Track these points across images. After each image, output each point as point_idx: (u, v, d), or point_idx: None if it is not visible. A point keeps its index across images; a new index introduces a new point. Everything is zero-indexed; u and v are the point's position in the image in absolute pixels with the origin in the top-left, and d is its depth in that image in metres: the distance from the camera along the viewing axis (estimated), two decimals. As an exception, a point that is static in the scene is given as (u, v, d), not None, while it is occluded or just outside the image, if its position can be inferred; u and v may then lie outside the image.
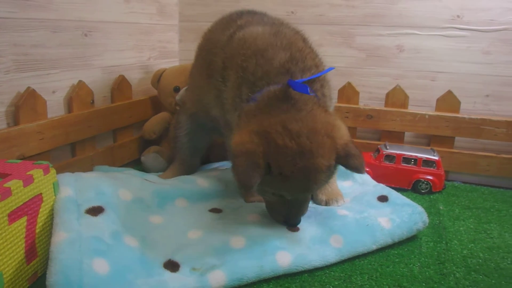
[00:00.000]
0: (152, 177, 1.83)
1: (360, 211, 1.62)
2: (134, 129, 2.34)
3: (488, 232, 1.70)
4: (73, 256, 1.13)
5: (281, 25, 1.66)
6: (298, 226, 1.51)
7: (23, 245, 1.22)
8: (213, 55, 1.70)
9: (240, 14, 1.82)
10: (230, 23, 1.74)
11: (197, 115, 1.94)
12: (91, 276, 1.11)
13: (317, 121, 1.36)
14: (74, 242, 1.17)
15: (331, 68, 1.60)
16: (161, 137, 2.32)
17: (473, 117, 2.18)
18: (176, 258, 1.32)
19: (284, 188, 1.37)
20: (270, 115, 1.37)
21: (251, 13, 1.82)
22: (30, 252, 1.25)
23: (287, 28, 1.63)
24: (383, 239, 1.52)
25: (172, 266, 1.29)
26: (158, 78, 2.32)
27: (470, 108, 2.27)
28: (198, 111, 1.92)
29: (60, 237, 1.18)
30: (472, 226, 1.74)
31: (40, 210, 1.28)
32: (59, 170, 1.57)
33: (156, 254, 1.32)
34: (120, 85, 2.17)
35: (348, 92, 2.37)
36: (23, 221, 1.21)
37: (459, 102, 2.21)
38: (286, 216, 1.50)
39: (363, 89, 2.42)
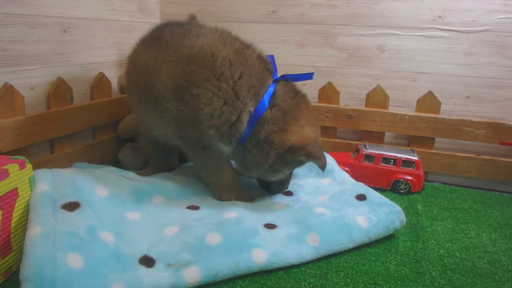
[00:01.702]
0: (130, 174, 1.85)
1: (338, 210, 1.65)
2: (114, 127, 2.35)
3: (466, 232, 1.74)
4: (47, 251, 1.15)
5: (216, 31, 1.74)
6: (275, 224, 1.55)
7: (-2, 239, 1.23)
8: (148, 80, 1.71)
9: (157, 29, 1.85)
10: (154, 42, 1.76)
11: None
12: (64, 270, 1.13)
13: None
14: (48, 237, 1.19)
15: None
16: (136, 135, 2.31)
17: (453, 118, 2.23)
18: (152, 254, 1.34)
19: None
20: (299, 115, 1.66)
21: (164, 26, 1.84)
22: (5, 247, 1.27)
23: (224, 33, 1.74)
24: (360, 238, 1.55)
25: (147, 261, 1.31)
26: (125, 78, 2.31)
27: (450, 109, 2.31)
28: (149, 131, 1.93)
29: (34, 232, 1.20)
30: (450, 226, 1.78)
31: (16, 205, 1.29)
32: (37, 167, 1.60)
33: (131, 250, 1.34)
34: (100, 83, 2.19)
35: (329, 92, 2.41)
36: (-3, 215, 1.21)
37: (439, 103, 2.25)
38: (287, 183, 1.87)
39: (343, 89, 2.46)
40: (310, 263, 1.44)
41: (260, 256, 1.37)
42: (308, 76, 1.74)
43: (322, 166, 1.60)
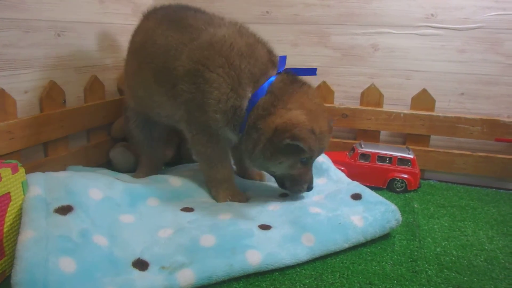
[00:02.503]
0: (125, 176, 1.86)
1: (333, 209, 1.64)
2: (108, 130, 2.36)
3: (462, 230, 1.74)
4: (39, 255, 1.15)
5: (236, 24, 1.79)
6: (270, 224, 1.54)
7: (-10, 244, 1.22)
8: (169, 61, 1.74)
9: (177, 11, 1.88)
10: (178, 24, 1.78)
11: (142, 112, 1.99)
12: (56, 275, 1.12)
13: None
14: (40, 241, 1.19)
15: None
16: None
17: (448, 115, 2.23)
18: (145, 257, 1.34)
19: (316, 148, 1.61)
20: (294, 96, 1.65)
21: (183, 10, 1.89)
22: None
23: (243, 28, 1.78)
24: (356, 238, 1.54)
25: (141, 265, 1.30)
26: (123, 80, 2.31)
27: (445, 107, 2.31)
28: (143, 111, 1.97)
29: (26, 236, 1.20)
30: (446, 224, 1.77)
31: (8, 209, 1.29)
32: (31, 170, 1.61)
33: (125, 253, 1.33)
34: (93, 85, 2.18)
35: (323, 91, 2.41)
36: (-11, 220, 1.21)
37: (434, 101, 2.24)
38: (310, 180, 1.75)
39: (338, 88, 2.45)
40: (305, 264, 1.43)
41: (255, 257, 1.36)
42: (311, 71, 1.75)
43: (308, 148, 1.57)
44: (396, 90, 2.38)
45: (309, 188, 1.77)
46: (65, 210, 1.34)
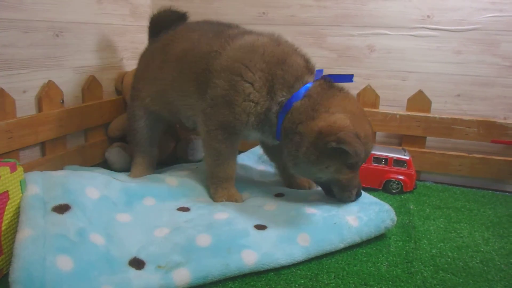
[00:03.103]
0: (121, 176, 1.88)
1: (328, 210, 1.65)
2: (105, 129, 2.38)
3: (458, 231, 1.74)
4: (36, 253, 1.16)
5: (274, 34, 1.85)
6: (266, 224, 1.55)
7: (-12, 242, 1.24)
8: (209, 62, 1.78)
9: (223, 25, 1.97)
10: (221, 33, 1.86)
11: (156, 110, 2.02)
12: (54, 273, 1.13)
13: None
14: (38, 239, 1.20)
15: None
16: (126, 135, 2.32)
17: (444, 116, 2.24)
18: (142, 256, 1.34)
19: (362, 152, 1.54)
20: (332, 102, 1.63)
21: (226, 25, 1.98)
22: None
23: (281, 38, 1.85)
24: (351, 238, 1.55)
25: (137, 263, 1.31)
26: (121, 80, 2.37)
27: (441, 108, 2.32)
28: (159, 109, 2.01)
29: (24, 234, 1.21)
30: (442, 226, 1.78)
31: (7, 207, 1.30)
32: (29, 169, 1.65)
33: (121, 252, 1.34)
34: (91, 85, 2.21)
35: None
36: (-13, 218, 1.23)
37: (430, 102, 2.25)
38: (358, 185, 1.71)
39: None
40: (300, 264, 1.44)
41: (250, 257, 1.37)
42: (349, 77, 1.76)
43: (354, 152, 1.51)
44: (392, 91, 2.40)
45: (358, 194, 1.73)
46: (62, 209, 1.35)
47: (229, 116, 1.70)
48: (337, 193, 1.71)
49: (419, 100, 2.28)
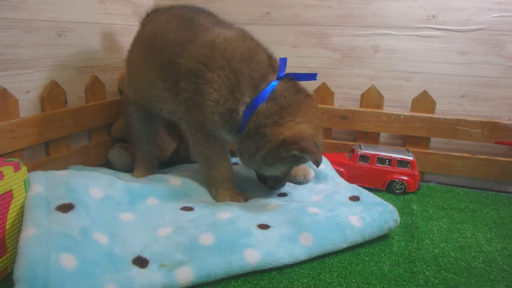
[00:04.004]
0: (125, 176, 1.91)
1: (331, 209, 1.66)
2: (108, 130, 2.40)
3: (461, 231, 1.75)
4: (40, 251, 1.17)
5: (241, 30, 1.84)
6: (269, 224, 1.57)
7: (-8, 241, 1.26)
8: (173, 56, 1.77)
9: (191, 10, 1.94)
10: (189, 22, 1.83)
11: (141, 105, 2.03)
12: (57, 271, 1.15)
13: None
14: (42, 238, 1.21)
15: None
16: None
17: (448, 117, 2.24)
18: (145, 255, 1.36)
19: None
20: (299, 112, 1.68)
21: (197, 10, 1.94)
22: (0, 248, 1.30)
23: (247, 33, 1.85)
24: (354, 238, 1.56)
25: (141, 262, 1.33)
26: (124, 81, 2.34)
27: (445, 109, 2.33)
28: (144, 104, 2.01)
29: (28, 233, 1.22)
30: (445, 226, 1.79)
31: (11, 206, 1.32)
32: (33, 169, 1.66)
33: (125, 251, 1.36)
34: (93, 86, 2.22)
35: (323, 93, 2.43)
36: (-8, 217, 1.25)
37: (434, 103, 2.26)
38: (284, 182, 1.90)
39: (338, 90, 2.48)
40: (303, 263, 1.46)
41: (253, 256, 1.39)
42: (312, 76, 1.77)
43: (316, 162, 1.60)
44: (396, 92, 2.41)
45: (284, 184, 1.93)
46: (66, 208, 1.37)
47: (200, 117, 1.72)
48: (272, 184, 1.88)
49: (424, 101, 2.28)
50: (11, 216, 1.32)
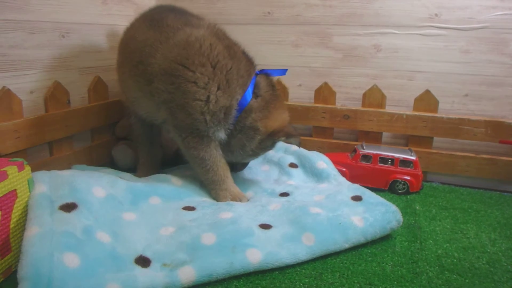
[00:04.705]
0: (127, 175, 1.92)
1: (333, 209, 1.67)
2: (111, 129, 2.43)
3: (465, 232, 1.75)
4: (44, 250, 1.20)
5: (214, 26, 1.89)
6: (270, 224, 1.57)
7: (-3, 239, 1.29)
8: (144, 56, 1.80)
9: (161, 12, 1.95)
10: (158, 23, 1.85)
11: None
12: (61, 270, 1.17)
13: None
14: (45, 236, 1.24)
15: None
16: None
17: (451, 116, 2.25)
18: (147, 254, 1.38)
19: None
20: (278, 104, 1.88)
21: (167, 11, 1.96)
22: (4, 247, 1.32)
23: (220, 30, 1.90)
24: (356, 238, 1.56)
25: (143, 261, 1.35)
26: None
27: (448, 108, 2.33)
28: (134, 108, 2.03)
29: (32, 231, 1.25)
30: (448, 226, 1.79)
31: (15, 206, 1.35)
32: (37, 169, 1.68)
33: (127, 250, 1.38)
34: (96, 86, 2.26)
35: (325, 93, 2.43)
36: (-4, 216, 1.27)
37: (437, 102, 2.26)
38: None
39: (340, 90, 2.48)
40: (305, 263, 1.47)
41: (255, 256, 1.40)
42: (283, 72, 1.96)
43: (299, 143, 1.92)
44: (399, 91, 2.41)
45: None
46: (69, 207, 1.40)
47: (187, 119, 1.73)
48: (240, 167, 2.13)
49: (426, 100, 2.29)
50: (15, 215, 1.35)
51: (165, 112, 1.78)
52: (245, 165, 2.13)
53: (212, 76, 1.69)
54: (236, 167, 2.09)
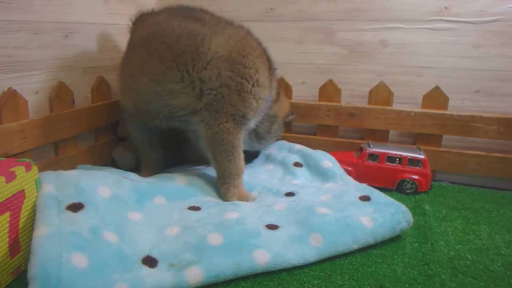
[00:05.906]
0: (132, 175, 1.94)
1: (341, 210, 1.67)
2: (114, 129, 2.48)
3: (477, 233, 1.74)
4: (52, 250, 1.23)
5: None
6: (277, 224, 1.59)
7: (7, 239, 1.33)
8: (192, 46, 1.82)
9: (188, 9, 2.03)
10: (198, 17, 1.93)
11: (133, 112, 2.04)
12: (69, 270, 1.21)
13: None
14: (54, 237, 1.28)
15: None
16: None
17: (461, 114, 2.23)
18: (154, 254, 1.41)
19: None
20: (280, 90, 2.21)
21: (198, 10, 2.05)
22: (14, 247, 1.37)
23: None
24: (365, 239, 1.56)
25: (150, 262, 1.38)
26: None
27: (458, 105, 2.31)
28: (138, 110, 1.99)
29: (40, 232, 1.29)
30: (459, 227, 1.78)
31: (23, 206, 1.39)
32: (42, 169, 1.76)
33: (134, 250, 1.42)
34: (99, 86, 2.30)
35: (330, 90, 2.44)
36: (6, 216, 1.32)
37: (447, 99, 2.24)
38: None
39: (345, 87, 2.48)
40: (313, 265, 1.47)
41: (262, 257, 1.41)
42: (274, 69, 2.07)
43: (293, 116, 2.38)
44: (406, 88, 2.40)
45: None
46: (76, 207, 1.44)
47: (240, 103, 1.80)
48: (255, 155, 2.39)
49: (435, 97, 2.27)
50: (24, 215, 1.39)
51: (208, 100, 1.81)
52: (259, 153, 2.39)
53: (265, 65, 1.89)
54: (251, 155, 2.30)
